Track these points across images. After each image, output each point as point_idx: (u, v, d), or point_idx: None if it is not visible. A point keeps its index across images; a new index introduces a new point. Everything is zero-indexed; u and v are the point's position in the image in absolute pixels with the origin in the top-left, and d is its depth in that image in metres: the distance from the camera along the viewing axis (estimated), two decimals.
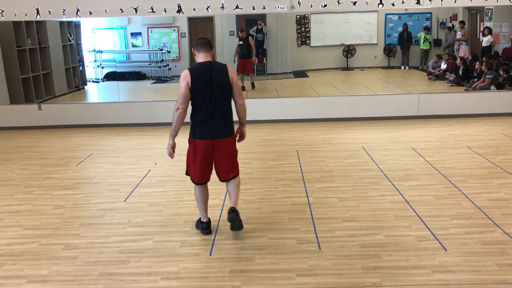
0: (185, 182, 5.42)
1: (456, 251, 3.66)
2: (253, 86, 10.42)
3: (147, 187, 5.36)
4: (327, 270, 3.46)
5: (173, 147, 3.93)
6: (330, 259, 3.62)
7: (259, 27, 11.24)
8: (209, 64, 3.82)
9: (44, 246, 3.98)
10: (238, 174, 4.08)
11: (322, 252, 3.73)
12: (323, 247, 3.81)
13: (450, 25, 10.82)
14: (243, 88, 10.04)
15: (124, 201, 4.97)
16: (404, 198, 4.76)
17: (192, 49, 3.95)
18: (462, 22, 10.47)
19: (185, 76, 3.77)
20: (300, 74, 11.92)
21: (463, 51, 10.46)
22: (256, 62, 10.95)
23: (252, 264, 3.59)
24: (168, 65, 11.90)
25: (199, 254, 3.78)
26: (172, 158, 4.00)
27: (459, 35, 10.48)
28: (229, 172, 4.00)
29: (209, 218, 4.15)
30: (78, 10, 8.02)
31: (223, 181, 4.06)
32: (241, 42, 10.19)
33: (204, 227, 4.10)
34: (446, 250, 3.68)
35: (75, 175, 5.89)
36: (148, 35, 12.06)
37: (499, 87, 8.77)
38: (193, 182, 4.02)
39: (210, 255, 3.76)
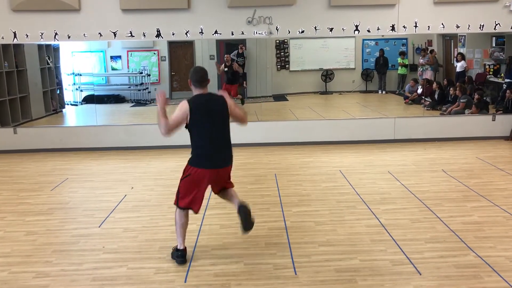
0: (161, 207, 5.39)
1: (430, 275, 3.69)
2: None
3: (122, 212, 5.29)
4: None
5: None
6: (306, 284, 3.61)
7: (240, 51, 11.36)
8: (208, 96, 3.92)
9: (14, 275, 3.87)
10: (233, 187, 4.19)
11: (298, 277, 3.72)
12: (299, 272, 3.80)
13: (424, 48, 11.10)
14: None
15: (99, 226, 4.89)
16: (380, 222, 4.80)
17: (189, 80, 3.91)
18: (424, 50, 10.82)
19: (184, 109, 3.75)
20: (280, 97, 12.01)
21: (427, 75, 10.77)
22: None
23: None
24: (147, 88, 11.87)
25: (173, 281, 3.73)
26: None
27: (423, 61, 10.78)
28: (226, 185, 4.11)
29: (185, 247, 4.07)
30: (56, 34, 8.01)
31: (216, 193, 4.15)
32: (226, 69, 10.42)
33: (179, 255, 4.00)
34: (420, 274, 3.71)
35: (50, 200, 5.79)
36: (128, 59, 12.03)
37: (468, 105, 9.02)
38: (178, 206, 3.93)
39: (185, 282, 3.71)
